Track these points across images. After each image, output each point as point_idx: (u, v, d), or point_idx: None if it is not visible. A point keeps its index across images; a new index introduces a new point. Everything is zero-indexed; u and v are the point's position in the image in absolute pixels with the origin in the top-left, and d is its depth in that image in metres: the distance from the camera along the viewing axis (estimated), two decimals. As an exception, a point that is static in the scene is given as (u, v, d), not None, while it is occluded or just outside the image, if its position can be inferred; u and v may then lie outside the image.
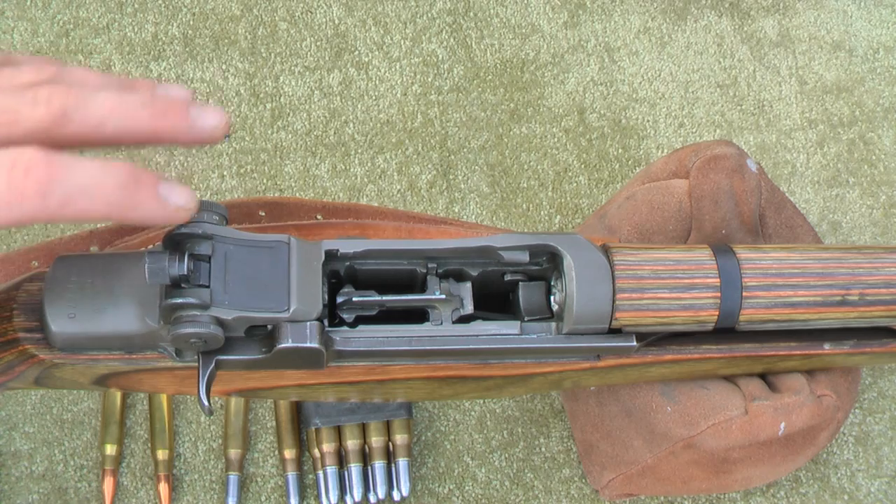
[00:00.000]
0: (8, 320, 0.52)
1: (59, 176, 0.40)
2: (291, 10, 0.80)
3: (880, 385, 0.73)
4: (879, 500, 0.70)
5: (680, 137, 0.79)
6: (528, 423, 0.71)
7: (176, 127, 0.44)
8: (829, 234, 0.77)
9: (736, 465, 0.62)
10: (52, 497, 0.67)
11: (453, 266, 0.54)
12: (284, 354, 0.50)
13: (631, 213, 0.65)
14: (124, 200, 0.42)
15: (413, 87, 0.79)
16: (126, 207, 0.42)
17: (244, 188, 0.75)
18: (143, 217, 0.43)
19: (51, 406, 0.68)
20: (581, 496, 0.69)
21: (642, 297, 0.53)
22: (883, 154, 0.79)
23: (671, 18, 0.82)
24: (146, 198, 0.43)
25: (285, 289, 0.50)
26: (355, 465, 0.67)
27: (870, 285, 0.55)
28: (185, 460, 0.68)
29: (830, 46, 0.82)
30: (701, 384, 0.60)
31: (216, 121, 0.45)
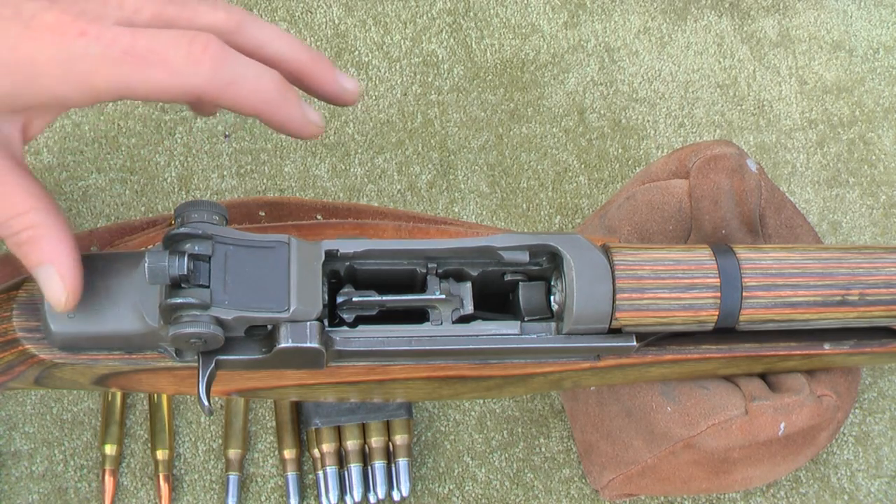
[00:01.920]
0: (8, 320, 0.52)
1: (231, 58, 0.46)
2: (291, 10, 0.80)
3: (880, 385, 0.73)
4: (879, 500, 0.70)
5: (680, 137, 0.79)
6: (528, 423, 0.71)
7: (325, 77, 0.51)
8: (829, 234, 0.77)
9: (736, 465, 0.62)
10: (52, 497, 0.67)
11: (453, 266, 0.54)
12: (284, 354, 0.50)
13: (631, 213, 0.65)
14: (276, 99, 0.48)
15: (413, 87, 0.79)
16: (276, 106, 0.48)
17: (244, 188, 0.75)
18: (285, 120, 0.49)
19: (51, 406, 0.68)
20: (581, 496, 0.69)
21: (642, 297, 0.53)
22: (883, 154, 0.79)
23: (671, 18, 0.82)
24: (293, 105, 0.48)
25: (285, 289, 0.50)
26: (355, 466, 0.67)
27: (870, 285, 0.55)
28: (185, 460, 0.68)
29: (830, 46, 0.82)
30: (701, 384, 0.60)
31: (353, 85, 0.52)
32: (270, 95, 0.48)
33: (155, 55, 0.45)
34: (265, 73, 0.48)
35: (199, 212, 0.50)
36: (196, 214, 0.50)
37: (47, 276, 0.47)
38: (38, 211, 0.47)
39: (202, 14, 0.48)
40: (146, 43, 0.45)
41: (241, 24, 0.49)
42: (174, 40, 0.46)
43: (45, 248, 0.47)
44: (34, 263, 0.47)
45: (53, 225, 0.47)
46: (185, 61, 0.45)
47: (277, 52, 0.50)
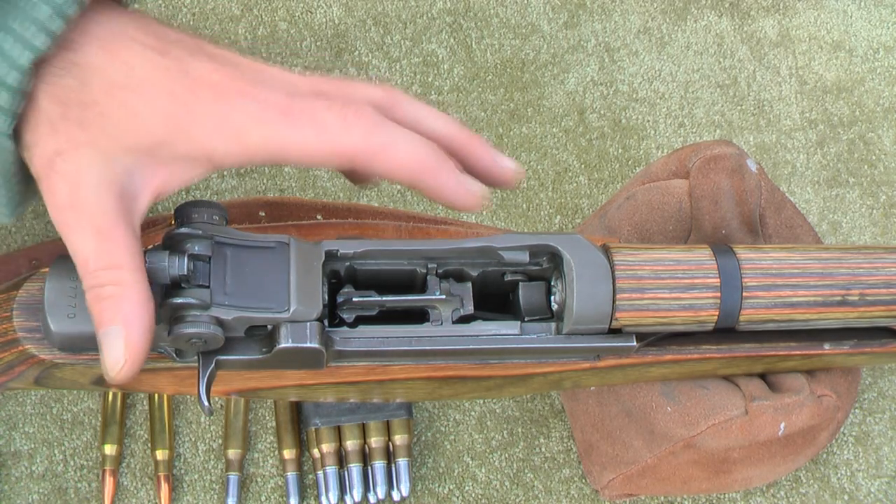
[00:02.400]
0: (8, 320, 0.52)
1: (386, 124, 0.46)
2: (291, 10, 0.80)
3: (880, 385, 0.73)
4: (879, 500, 0.70)
5: (680, 137, 0.79)
6: (528, 423, 0.71)
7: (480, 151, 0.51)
8: (829, 234, 0.77)
9: (736, 465, 0.62)
10: (52, 497, 0.67)
11: (453, 266, 0.54)
12: (284, 354, 0.50)
13: (631, 213, 0.65)
14: (432, 166, 0.47)
15: (413, 87, 0.79)
16: (432, 173, 0.47)
17: (244, 188, 0.75)
18: (443, 187, 0.48)
19: (51, 406, 0.68)
20: (581, 496, 0.69)
21: (642, 297, 0.53)
22: (883, 154, 0.79)
23: (671, 18, 0.82)
24: (449, 172, 0.48)
25: (285, 289, 0.50)
26: (355, 465, 0.67)
27: (870, 285, 0.55)
28: (185, 460, 0.68)
29: (830, 46, 0.82)
30: (701, 384, 0.60)
31: (511, 165, 0.52)
32: (426, 162, 0.47)
33: (309, 116, 0.46)
34: (420, 140, 0.47)
35: (199, 212, 0.50)
36: (196, 214, 0.50)
37: (114, 338, 0.46)
38: (132, 272, 0.46)
39: (358, 90, 0.48)
40: (301, 105, 0.46)
41: (396, 100, 0.49)
42: (329, 105, 0.46)
43: (124, 310, 0.46)
44: (107, 321, 0.46)
45: (141, 290, 0.46)
46: (339, 124, 0.46)
47: (433, 129, 0.49)
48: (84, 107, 0.46)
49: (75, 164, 0.46)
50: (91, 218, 0.46)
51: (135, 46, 0.47)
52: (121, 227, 0.46)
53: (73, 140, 0.46)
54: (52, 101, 0.46)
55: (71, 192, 0.46)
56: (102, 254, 0.46)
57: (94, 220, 0.46)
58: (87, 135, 0.46)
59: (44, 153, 0.46)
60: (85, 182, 0.46)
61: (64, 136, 0.46)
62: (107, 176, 0.46)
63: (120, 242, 0.46)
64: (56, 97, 0.46)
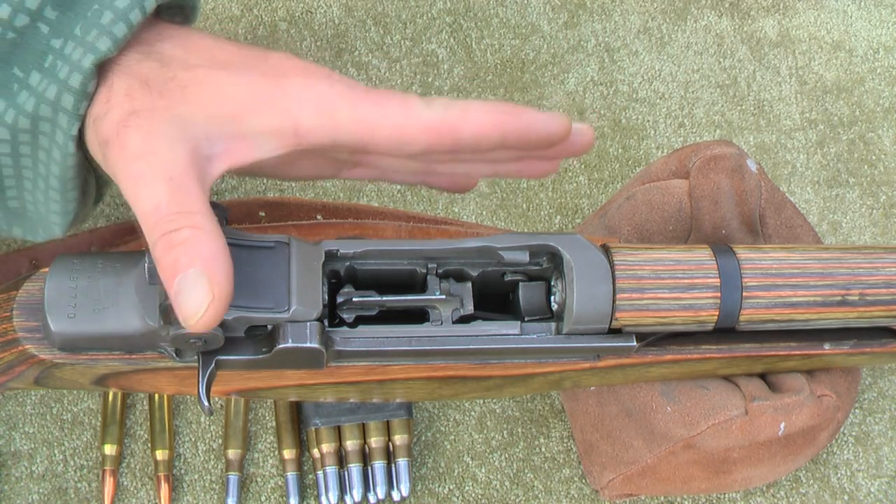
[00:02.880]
0: (8, 320, 0.52)
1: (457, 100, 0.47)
2: (291, 10, 0.80)
3: (880, 385, 0.73)
4: (879, 500, 0.70)
5: (680, 137, 0.79)
6: (528, 423, 0.71)
7: None
8: (829, 234, 0.77)
9: (736, 465, 0.62)
10: (52, 497, 0.67)
11: (453, 266, 0.54)
12: (284, 354, 0.50)
13: (631, 213, 0.65)
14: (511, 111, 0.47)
15: (413, 87, 0.79)
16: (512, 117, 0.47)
17: (244, 188, 0.75)
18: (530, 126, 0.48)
19: (51, 406, 0.68)
20: (581, 496, 0.69)
21: (642, 297, 0.53)
22: (883, 154, 0.79)
23: (671, 18, 0.82)
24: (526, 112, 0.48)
25: (285, 289, 0.50)
26: (355, 465, 0.67)
27: (870, 285, 0.55)
28: (185, 460, 0.68)
29: (830, 46, 0.82)
30: (701, 384, 0.60)
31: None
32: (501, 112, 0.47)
33: (393, 96, 0.47)
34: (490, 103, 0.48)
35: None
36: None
37: (194, 280, 0.44)
38: (205, 216, 0.45)
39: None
40: (384, 90, 0.48)
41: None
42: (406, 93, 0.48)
43: (203, 251, 0.44)
44: (185, 265, 0.44)
45: (219, 235, 0.45)
46: (420, 102, 0.47)
47: None
48: (164, 81, 0.46)
49: (151, 120, 0.45)
50: (163, 166, 0.45)
51: (212, 41, 0.48)
52: (193, 179, 0.45)
53: (150, 103, 0.45)
54: (130, 78, 0.46)
55: (144, 141, 0.45)
56: (175, 199, 0.44)
57: (166, 168, 0.45)
58: (166, 101, 0.46)
59: (116, 116, 0.45)
60: (159, 134, 0.45)
61: (141, 100, 0.45)
62: (183, 134, 0.45)
63: (193, 192, 0.45)
64: (134, 76, 0.46)
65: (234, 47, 0.48)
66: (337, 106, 0.47)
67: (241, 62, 0.47)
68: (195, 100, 0.46)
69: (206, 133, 0.46)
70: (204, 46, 0.48)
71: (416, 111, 0.47)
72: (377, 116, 0.47)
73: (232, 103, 0.46)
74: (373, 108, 0.47)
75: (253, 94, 0.46)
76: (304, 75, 0.47)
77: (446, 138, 0.47)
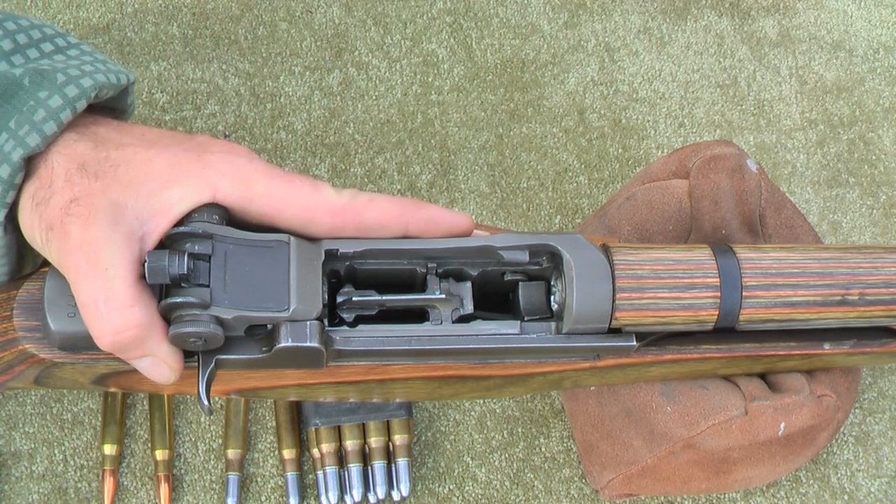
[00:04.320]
0: (8, 320, 0.52)
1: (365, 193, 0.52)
2: (291, 10, 0.80)
3: (880, 385, 0.73)
4: (879, 500, 0.70)
5: (680, 137, 0.79)
6: (528, 423, 0.71)
7: None
8: (829, 234, 0.77)
9: (736, 465, 0.62)
10: (52, 497, 0.67)
11: (453, 266, 0.54)
12: (284, 354, 0.50)
13: (631, 213, 0.65)
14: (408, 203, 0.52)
15: (413, 87, 0.79)
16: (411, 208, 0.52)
17: (244, 188, 0.75)
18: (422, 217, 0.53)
19: (51, 406, 0.68)
20: (581, 496, 0.69)
21: (642, 297, 0.53)
22: (883, 154, 0.79)
23: (671, 18, 0.82)
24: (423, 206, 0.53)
25: (285, 288, 0.50)
26: (355, 465, 0.67)
27: (870, 285, 0.55)
28: (185, 460, 0.68)
29: (830, 46, 0.82)
30: (701, 384, 0.60)
31: None
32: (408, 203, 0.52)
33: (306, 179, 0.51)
34: (388, 197, 0.52)
35: (198, 211, 0.50)
36: (196, 214, 0.50)
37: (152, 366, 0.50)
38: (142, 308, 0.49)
39: None
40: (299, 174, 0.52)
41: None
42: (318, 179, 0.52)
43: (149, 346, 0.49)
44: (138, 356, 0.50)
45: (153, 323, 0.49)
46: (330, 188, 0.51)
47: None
48: (98, 161, 0.49)
49: (89, 207, 0.48)
50: (100, 258, 0.48)
51: (143, 126, 0.52)
52: (129, 264, 0.48)
53: (88, 188, 0.49)
54: (68, 160, 0.49)
55: (82, 231, 0.48)
56: (111, 296, 0.48)
57: (103, 260, 0.48)
58: (100, 183, 0.49)
59: (59, 202, 0.49)
60: (96, 222, 0.48)
61: (80, 185, 0.49)
62: (118, 219, 0.48)
63: (128, 281, 0.48)
64: (71, 157, 0.49)
65: (163, 130, 0.52)
66: (253, 179, 0.50)
67: (168, 140, 0.51)
68: (126, 179, 0.49)
69: (137, 215, 0.49)
70: (136, 129, 0.52)
71: (325, 195, 0.51)
72: (289, 194, 0.50)
73: (159, 177, 0.50)
74: (286, 186, 0.51)
75: (178, 165, 0.50)
76: (225, 151, 0.51)
77: (350, 223, 0.51)
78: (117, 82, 0.53)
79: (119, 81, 0.53)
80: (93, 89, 0.51)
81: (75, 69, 0.51)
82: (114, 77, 0.53)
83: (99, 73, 0.52)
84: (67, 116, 0.50)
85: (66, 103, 0.50)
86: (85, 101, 0.50)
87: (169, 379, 0.51)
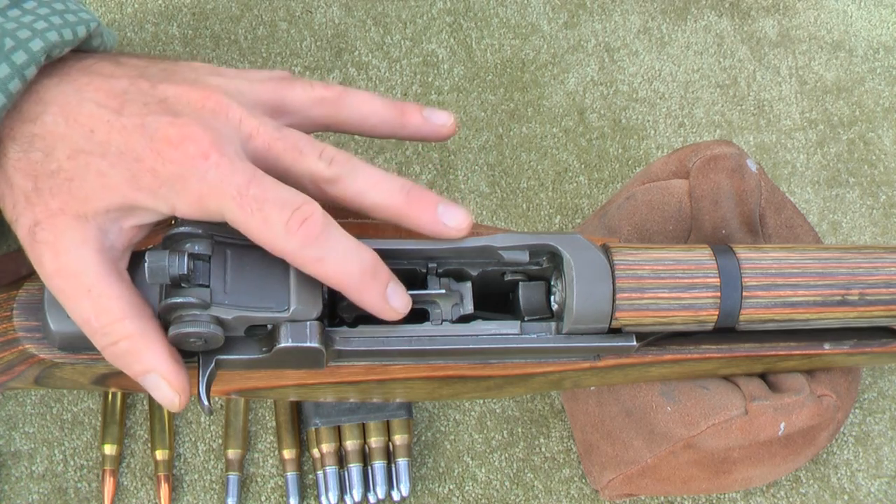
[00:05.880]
0: (8, 320, 0.52)
1: (324, 238, 0.48)
2: (291, 10, 0.80)
3: (880, 385, 0.73)
4: (879, 500, 0.70)
5: (680, 137, 0.79)
6: (528, 423, 0.71)
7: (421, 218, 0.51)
8: (829, 234, 0.77)
9: (736, 465, 0.62)
10: (52, 497, 0.67)
11: (453, 266, 0.54)
12: (284, 354, 0.50)
13: (631, 213, 0.65)
14: (356, 284, 0.49)
15: (413, 87, 0.79)
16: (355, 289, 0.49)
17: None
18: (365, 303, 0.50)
19: (51, 406, 0.68)
20: (581, 496, 0.69)
21: (642, 297, 0.53)
22: (883, 154, 0.79)
23: (671, 18, 0.82)
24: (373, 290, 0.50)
25: (285, 288, 0.50)
26: (355, 465, 0.67)
27: (870, 285, 0.55)
28: (185, 460, 0.68)
29: (830, 46, 0.82)
30: (701, 384, 0.60)
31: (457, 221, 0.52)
32: (352, 279, 0.49)
33: (258, 210, 0.47)
34: (354, 255, 0.49)
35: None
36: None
37: (155, 382, 0.49)
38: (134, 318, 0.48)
39: (306, 158, 0.50)
40: (257, 192, 0.47)
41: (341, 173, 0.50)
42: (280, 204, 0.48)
43: (147, 360, 0.49)
44: (140, 372, 0.49)
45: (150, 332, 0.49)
46: (282, 227, 0.47)
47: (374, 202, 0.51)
48: (51, 175, 0.48)
49: (52, 231, 0.48)
50: (79, 280, 0.47)
51: (92, 108, 0.48)
52: (110, 277, 0.48)
53: (47, 209, 0.48)
54: (24, 176, 0.48)
55: (53, 258, 0.48)
56: (100, 312, 0.48)
57: (82, 281, 0.47)
58: (58, 201, 0.48)
59: (24, 225, 0.48)
60: (64, 247, 0.48)
61: (38, 206, 0.48)
62: (83, 237, 0.48)
63: (114, 296, 0.48)
64: (26, 172, 0.48)
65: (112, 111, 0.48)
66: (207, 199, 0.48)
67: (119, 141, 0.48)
68: (82, 194, 0.48)
69: (100, 227, 0.48)
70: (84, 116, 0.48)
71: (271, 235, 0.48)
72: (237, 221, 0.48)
73: (115, 194, 0.48)
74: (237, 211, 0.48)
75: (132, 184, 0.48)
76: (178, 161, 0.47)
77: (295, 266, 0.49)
78: (72, 38, 0.50)
79: (75, 36, 0.50)
80: (42, 53, 0.48)
81: (26, 29, 0.48)
82: (69, 32, 0.49)
83: (51, 31, 0.48)
84: (17, 87, 0.47)
85: (15, 72, 0.47)
86: (35, 68, 0.47)
87: (172, 401, 0.50)
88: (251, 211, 0.47)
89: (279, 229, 0.47)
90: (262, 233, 0.48)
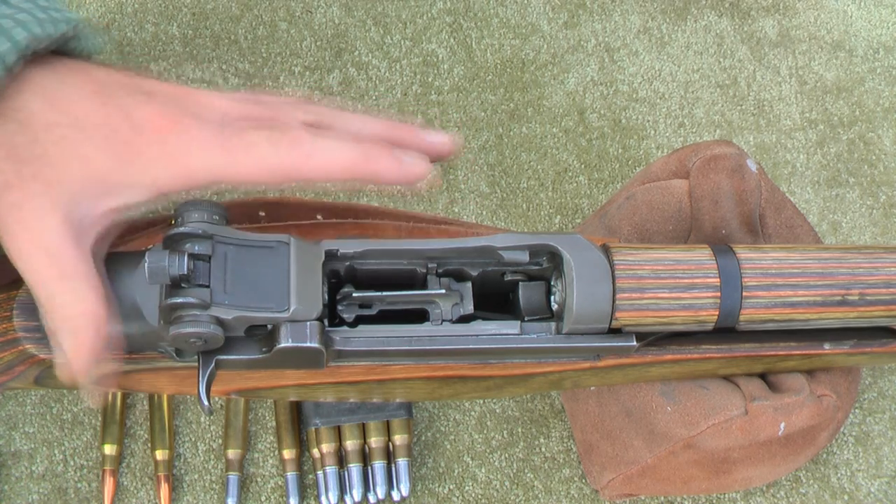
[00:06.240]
0: (8, 320, 0.52)
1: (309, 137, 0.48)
2: (291, 10, 0.80)
3: (880, 385, 0.73)
4: (879, 500, 0.70)
5: (680, 137, 0.79)
6: (528, 423, 0.71)
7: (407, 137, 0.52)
8: (829, 234, 0.77)
9: (736, 465, 0.62)
10: (52, 497, 0.67)
11: (453, 266, 0.54)
12: (284, 354, 0.50)
13: (631, 213, 0.65)
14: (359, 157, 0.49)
15: (413, 87, 0.79)
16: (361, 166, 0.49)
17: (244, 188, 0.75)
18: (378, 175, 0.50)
19: (51, 406, 0.68)
20: (581, 496, 0.69)
21: (642, 297, 0.53)
22: (883, 154, 0.79)
23: (671, 18, 0.82)
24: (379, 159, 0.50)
25: (285, 289, 0.50)
26: (355, 465, 0.67)
27: (870, 285, 0.55)
28: (185, 460, 0.68)
29: (830, 46, 0.82)
30: (701, 384, 0.60)
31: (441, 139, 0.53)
32: (353, 156, 0.49)
33: (240, 141, 0.48)
34: (344, 139, 0.49)
35: (199, 211, 0.50)
36: (196, 214, 0.50)
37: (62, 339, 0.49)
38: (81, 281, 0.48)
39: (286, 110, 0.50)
40: (233, 133, 0.48)
41: (322, 115, 0.51)
42: (257, 129, 0.49)
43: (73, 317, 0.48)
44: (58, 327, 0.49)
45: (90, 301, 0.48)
46: (267, 144, 0.48)
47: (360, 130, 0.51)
48: (26, 145, 0.48)
49: (22, 193, 0.47)
50: (39, 239, 0.47)
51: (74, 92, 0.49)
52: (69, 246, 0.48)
53: (18, 175, 0.47)
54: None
55: (19, 220, 0.47)
56: (52, 268, 0.47)
57: (42, 240, 0.47)
58: (30, 169, 0.48)
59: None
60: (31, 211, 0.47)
61: (10, 171, 0.47)
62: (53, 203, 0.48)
63: (69, 260, 0.48)
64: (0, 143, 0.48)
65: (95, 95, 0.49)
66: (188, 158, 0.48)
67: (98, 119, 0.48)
68: (59, 164, 0.48)
69: (72, 197, 0.48)
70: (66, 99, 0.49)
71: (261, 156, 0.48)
72: (225, 166, 0.49)
73: (93, 168, 0.48)
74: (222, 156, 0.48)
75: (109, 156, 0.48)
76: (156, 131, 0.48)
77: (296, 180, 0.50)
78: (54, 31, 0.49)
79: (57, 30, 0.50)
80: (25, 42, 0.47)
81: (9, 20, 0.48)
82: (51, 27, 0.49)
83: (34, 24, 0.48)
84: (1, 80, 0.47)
85: None
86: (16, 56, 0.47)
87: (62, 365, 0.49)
88: (236, 148, 0.48)
89: (266, 146, 0.48)
90: (254, 160, 0.48)
